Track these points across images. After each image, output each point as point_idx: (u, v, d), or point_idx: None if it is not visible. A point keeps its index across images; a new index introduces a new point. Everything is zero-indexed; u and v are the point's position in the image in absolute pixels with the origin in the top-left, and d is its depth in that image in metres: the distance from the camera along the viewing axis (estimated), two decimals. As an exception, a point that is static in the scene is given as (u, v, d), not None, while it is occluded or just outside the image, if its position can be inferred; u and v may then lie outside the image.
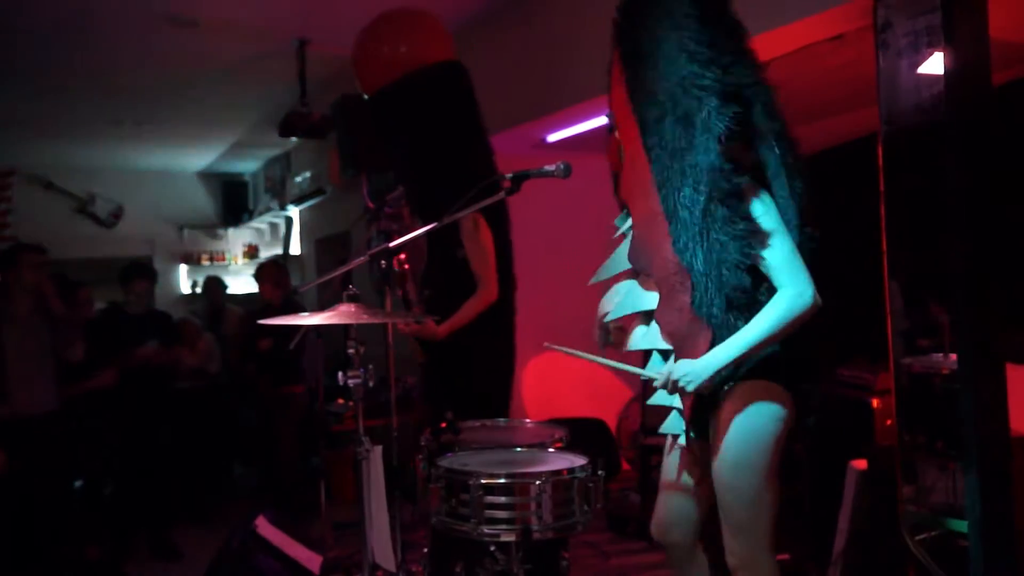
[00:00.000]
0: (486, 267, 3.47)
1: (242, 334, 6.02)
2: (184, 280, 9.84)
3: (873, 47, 2.71)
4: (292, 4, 4.75)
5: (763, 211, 2.09)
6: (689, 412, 2.26)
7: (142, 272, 4.99)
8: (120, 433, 4.66)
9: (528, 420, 3.13)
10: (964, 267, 2.46)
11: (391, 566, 2.63)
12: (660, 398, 2.32)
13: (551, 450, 2.56)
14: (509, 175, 2.39)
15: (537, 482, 2.19)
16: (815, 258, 2.13)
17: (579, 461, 2.34)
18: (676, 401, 2.28)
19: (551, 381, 5.86)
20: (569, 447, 2.62)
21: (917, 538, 2.63)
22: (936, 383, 2.59)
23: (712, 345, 2.12)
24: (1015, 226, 2.96)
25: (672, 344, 2.27)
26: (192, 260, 9.81)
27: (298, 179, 7.98)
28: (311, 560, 3.44)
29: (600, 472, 2.31)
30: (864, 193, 3.18)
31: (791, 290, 2.04)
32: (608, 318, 2.44)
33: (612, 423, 5.85)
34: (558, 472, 2.24)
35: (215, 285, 7.43)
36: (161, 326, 4.97)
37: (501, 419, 3.14)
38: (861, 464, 3.16)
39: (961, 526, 2.49)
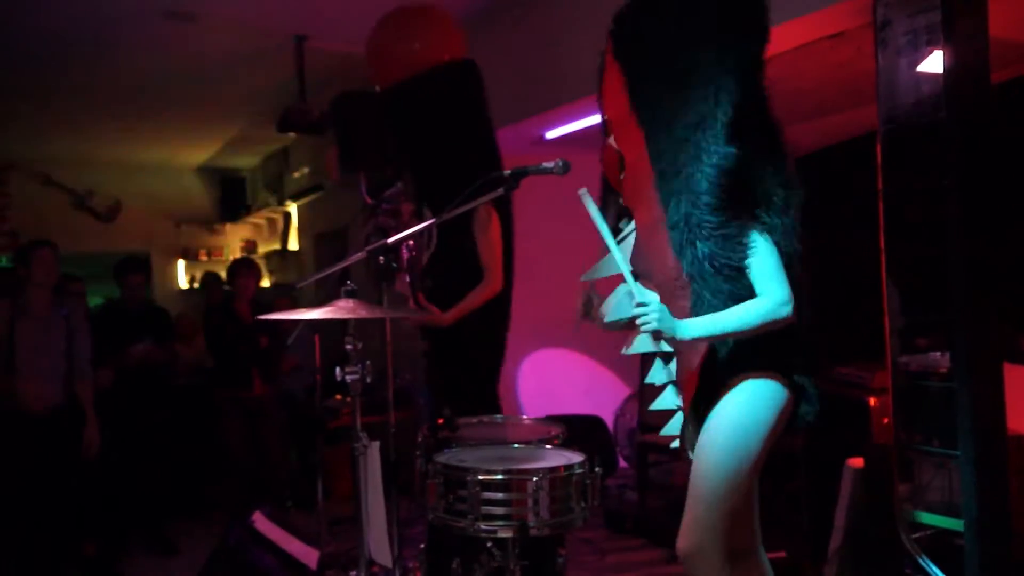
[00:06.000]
0: (494, 259, 3.52)
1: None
2: (182, 275, 9.83)
3: (872, 45, 2.71)
4: (291, 0, 4.74)
5: (756, 231, 2.17)
6: (688, 407, 2.31)
7: (136, 266, 5.00)
8: (116, 429, 4.65)
9: (525, 417, 3.12)
10: (962, 266, 2.46)
11: (388, 562, 2.63)
12: (662, 402, 2.40)
13: (548, 447, 2.56)
14: (508, 172, 2.42)
15: (534, 479, 2.20)
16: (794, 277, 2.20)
17: (576, 458, 2.35)
18: (678, 402, 2.36)
19: (549, 378, 5.86)
20: (566, 444, 2.62)
21: (913, 536, 2.63)
22: (933, 382, 2.59)
23: (708, 349, 2.23)
24: (1014, 226, 2.96)
25: (672, 347, 2.35)
26: (190, 255, 9.79)
27: (296, 174, 7.97)
28: (308, 555, 3.44)
29: (597, 469, 2.31)
30: (863, 192, 3.18)
31: (777, 297, 2.13)
32: (608, 319, 2.47)
33: (609, 420, 5.84)
34: (555, 469, 2.25)
35: (214, 282, 7.41)
36: (158, 322, 4.97)
37: (498, 415, 3.14)
38: (858, 462, 3.17)
39: (957, 525, 2.50)
